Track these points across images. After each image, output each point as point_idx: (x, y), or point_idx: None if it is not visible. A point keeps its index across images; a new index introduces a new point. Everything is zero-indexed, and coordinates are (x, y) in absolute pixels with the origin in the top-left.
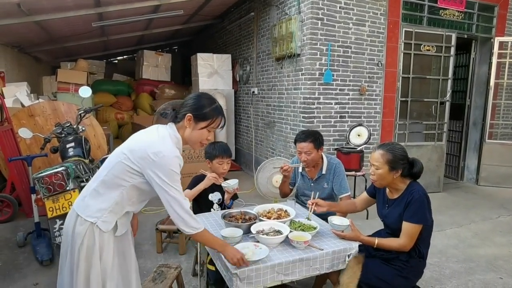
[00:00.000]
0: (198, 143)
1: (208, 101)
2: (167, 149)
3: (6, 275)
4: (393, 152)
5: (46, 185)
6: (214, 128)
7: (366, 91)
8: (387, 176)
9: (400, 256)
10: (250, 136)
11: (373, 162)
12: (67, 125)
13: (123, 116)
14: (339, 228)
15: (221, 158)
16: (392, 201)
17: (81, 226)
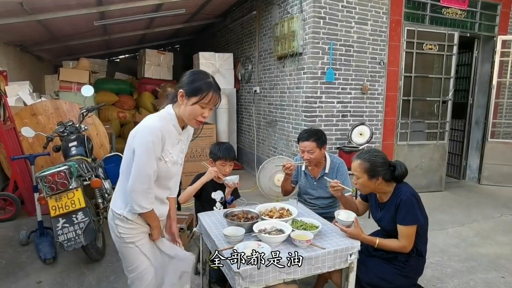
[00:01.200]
0: (193, 120)
1: (200, 76)
2: (146, 121)
3: (10, 273)
4: (370, 160)
5: (49, 184)
6: (206, 104)
7: (368, 90)
8: (369, 184)
9: (399, 256)
10: (252, 135)
11: (353, 172)
12: (70, 124)
13: (125, 115)
14: (344, 223)
15: (224, 160)
16: (383, 204)
17: (112, 221)
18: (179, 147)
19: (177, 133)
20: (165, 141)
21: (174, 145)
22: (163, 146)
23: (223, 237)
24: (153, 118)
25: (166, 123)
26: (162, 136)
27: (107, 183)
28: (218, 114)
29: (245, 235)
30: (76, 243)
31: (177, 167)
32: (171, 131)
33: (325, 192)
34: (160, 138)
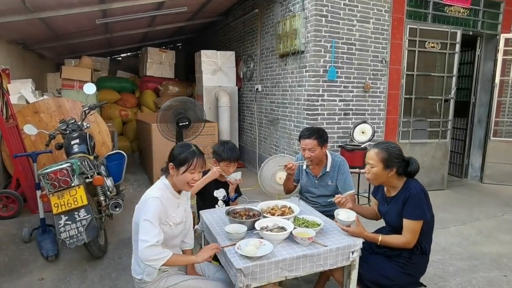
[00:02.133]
0: (186, 185)
1: (182, 148)
2: (147, 194)
3: (12, 270)
4: (388, 150)
5: (51, 181)
6: (194, 169)
7: (370, 88)
8: (382, 174)
9: (402, 253)
10: (254, 133)
11: (368, 160)
12: (72, 122)
13: (127, 113)
14: (345, 223)
15: (228, 162)
16: (390, 198)
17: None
18: (182, 208)
19: (176, 198)
20: (167, 208)
21: (175, 208)
22: (166, 212)
23: (225, 234)
24: (153, 190)
25: (164, 192)
26: (162, 204)
27: (109, 181)
28: (220, 113)
29: (247, 233)
30: (78, 240)
31: (181, 226)
32: (170, 198)
33: (327, 191)
34: (161, 205)
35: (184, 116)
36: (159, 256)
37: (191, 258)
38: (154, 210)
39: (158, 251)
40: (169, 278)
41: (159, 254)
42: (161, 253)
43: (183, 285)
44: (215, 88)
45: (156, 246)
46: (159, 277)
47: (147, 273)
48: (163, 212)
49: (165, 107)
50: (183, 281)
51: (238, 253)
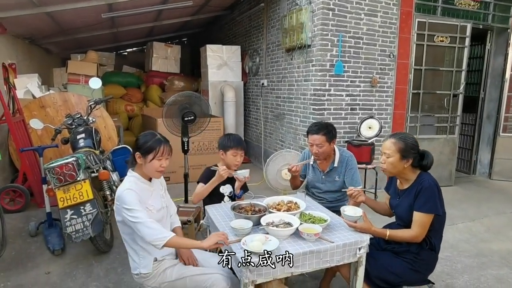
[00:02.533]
0: (155, 172)
1: (148, 137)
2: (118, 190)
3: (19, 263)
4: (405, 140)
5: (57, 176)
6: (162, 156)
7: (377, 83)
8: (398, 164)
9: (411, 248)
10: (259, 129)
11: (385, 150)
12: (78, 117)
13: (133, 108)
14: (351, 218)
15: (235, 149)
16: (402, 191)
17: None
18: (157, 195)
19: (148, 186)
20: (142, 197)
21: (150, 196)
22: (143, 201)
23: (231, 229)
24: (123, 185)
25: (133, 183)
26: (137, 193)
27: (115, 175)
28: (225, 108)
29: (252, 228)
30: (84, 234)
31: (163, 211)
32: (142, 188)
33: (334, 186)
34: (134, 193)
35: (190, 110)
36: (160, 235)
37: (196, 243)
38: (130, 199)
39: (159, 230)
40: (171, 270)
41: (160, 233)
42: (162, 232)
43: (187, 279)
44: (220, 83)
45: (153, 223)
46: (157, 270)
47: (143, 266)
48: (140, 201)
49: (171, 101)
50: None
51: (243, 248)
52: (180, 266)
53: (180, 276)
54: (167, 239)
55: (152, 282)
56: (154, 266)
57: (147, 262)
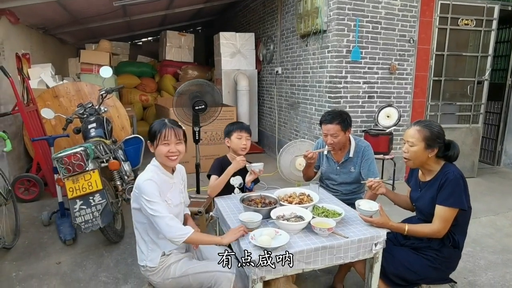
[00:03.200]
0: (165, 159)
1: (155, 123)
2: (139, 179)
3: (32, 253)
4: (431, 128)
5: (66, 166)
6: (167, 141)
7: (396, 70)
8: (422, 154)
9: (432, 245)
10: (274, 118)
11: (408, 139)
12: (89, 106)
13: (147, 98)
14: (367, 213)
15: (239, 131)
16: (424, 183)
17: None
18: (176, 189)
19: (169, 178)
20: (162, 188)
21: (169, 189)
22: (162, 192)
23: (239, 223)
24: (144, 174)
25: (154, 173)
26: (157, 184)
27: (127, 165)
28: (239, 96)
29: (262, 222)
30: (93, 225)
31: (179, 207)
32: (162, 179)
33: (349, 178)
34: (155, 185)
35: (201, 99)
36: (180, 232)
37: (216, 239)
38: (150, 190)
39: (180, 227)
40: (175, 266)
41: (181, 230)
42: (182, 228)
43: (190, 277)
44: (234, 72)
45: (174, 220)
46: (162, 265)
47: (150, 259)
48: (160, 192)
49: (181, 90)
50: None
51: (252, 243)
52: (184, 262)
53: (183, 274)
54: (187, 235)
55: (157, 277)
56: (160, 260)
57: (155, 255)
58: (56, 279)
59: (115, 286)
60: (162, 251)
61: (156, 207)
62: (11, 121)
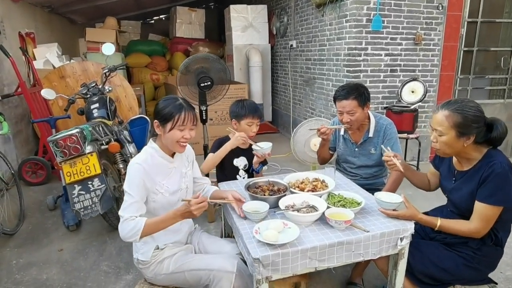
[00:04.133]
0: (176, 145)
1: (167, 101)
2: (131, 161)
3: (34, 239)
4: (464, 112)
5: (61, 149)
6: (183, 126)
7: (422, 40)
8: (455, 143)
9: (469, 242)
10: (288, 95)
11: (436, 126)
12: (93, 85)
13: (158, 77)
14: (389, 206)
15: (251, 118)
16: (461, 173)
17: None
18: (176, 175)
19: (168, 162)
20: (153, 174)
21: (167, 175)
22: (152, 180)
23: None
24: (136, 157)
25: (149, 157)
26: (145, 170)
27: (132, 147)
28: (251, 73)
29: (269, 212)
30: (93, 211)
31: (180, 193)
32: (158, 163)
33: (369, 160)
34: (141, 172)
35: (207, 75)
36: (132, 231)
37: (170, 218)
38: (132, 178)
39: (132, 225)
40: (168, 261)
41: (132, 229)
42: (134, 227)
43: (186, 273)
44: (245, 47)
45: (129, 221)
46: (155, 259)
47: (142, 252)
48: (148, 180)
49: (184, 66)
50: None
51: (256, 238)
52: (179, 257)
53: (178, 270)
54: (141, 229)
55: (149, 272)
56: (153, 254)
57: (148, 248)
58: (56, 268)
59: (116, 276)
60: (156, 244)
61: (127, 198)
62: (17, 102)
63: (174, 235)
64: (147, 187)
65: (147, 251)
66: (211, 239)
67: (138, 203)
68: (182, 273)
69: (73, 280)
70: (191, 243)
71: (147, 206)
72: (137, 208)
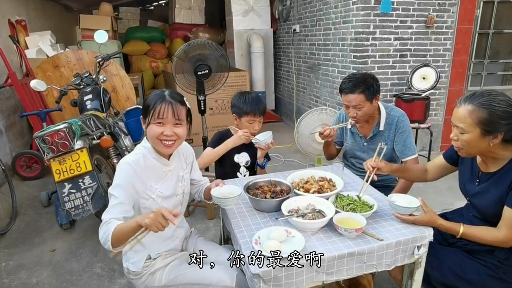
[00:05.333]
0: (157, 143)
1: (153, 93)
2: (121, 160)
3: (26, 238)
4: (491, 107)
5: (49, 145)
6: (161, 119)
7: (434, 23)
8: (479, 143)
9: (496, 252)
10: (291, 83)
11: (457, 123)
12: (86, 75)
13: (157, 65)
14: (405, 211)
15: (252, 116)
16: (487, 175)
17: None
18: (172, 178)
19: (162, 165)
20: (145, 177)
21: (161, 179)
22: (143, 183)
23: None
24: (128, 156)
25: (141, 157)
26: (136, 172)
27: (128, 140)
28: (253, 60)
29: (270, 217)
30: (84, 211)
31: (175, 199)
32: (152, 166)
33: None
34: (133, 175)
35: (204, 63)
36: (103, 237)
37: (134, 226)
38: (119, 179)
39: (103, 230)
40: (161, 273)
41: (103, 234)
42: (105, 231)
43: (180, 280)
44: (247, 32)
45: (106, 224)
46: (147, 270)
47: (132, 261)
48: (138, 183)
49: (180, 53)
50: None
51: (255, 249)
52: (172, 268)
53: (172, 283)
54: (110, 235)
55: (140, 283)
56: (144, 265)
57: (139, 258)
58: (47, 270)
59: (110, 280)
60: (148, 253)
61: (111, 200)
62: (9, 94)
63: (167, 243)
64: (136, 191)
65: (138, 261)
66: (207, 245)
67: (123, 204)
68: (176, 287)
69: (64, 284)
70: (187, 250)
71: (137, 215)
72: (120, 210)
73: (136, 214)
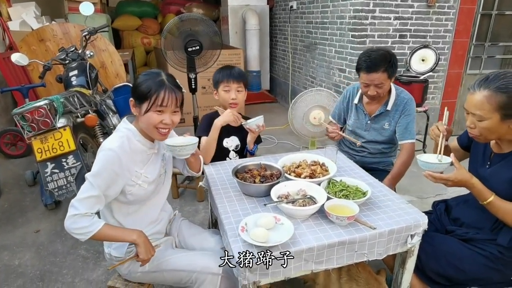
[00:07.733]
0: (154, 131)
1: (147, 76)
2: (102, 145)
3: (10, 219)
4: (509, 90)
5: (29, 122)
6: (162, 107)
7: (436, 2)
8: (499, 128)
9: (499, 238)
10: (287, 62)
11: (473, 110)
12: (72, 50)
13: (149, 41)
14: (437, 168)
15: (225, 82)
16: (499, 156)
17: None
18: (157, 160)
19: (147, 148)
20: (130, 163)
21: (146, 162)
22: (128, 169)
23: (167, 147)
24: (110, 140)
25: (125, 140)
26: (120, 159)
27: (115, 118)
28: (248, 37)
29: (259, 203)
30: (68, 191)
31: (159, 180)
32: (136, 149)
33: (380, 136)
34: (117, 163)
35: (195, 39)
36: (83, 229)
37: (127, 237)
38: (101, 167)
39: (85, 223)
40: None
41: (85, 228)
42: (88, 226)
43: (164, 273)
44: (242, 8)
45: (84, 217)
46: (131, 254)
47: (114, 247)
48: (122, 171)
49: (168, 28)
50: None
51: (241, 237)
52: (157, 253)
53: (156, 268)
54: (93, 233)
55: (123, 269)
56: (127, 250)
57: (121, 243)
58: (30, 252)
59: (95, 262)
60: None
61: (88, 189)
62: None
63: (152, 226)
64: (121, 179)
65: (120, 246)
66: (192, 230)
67: (98, 198)
68: (160, 272)
69: (47, 266)
70: (170, 234)
71: (122, 199)
72: (95, 204)
73: (121, 198)
